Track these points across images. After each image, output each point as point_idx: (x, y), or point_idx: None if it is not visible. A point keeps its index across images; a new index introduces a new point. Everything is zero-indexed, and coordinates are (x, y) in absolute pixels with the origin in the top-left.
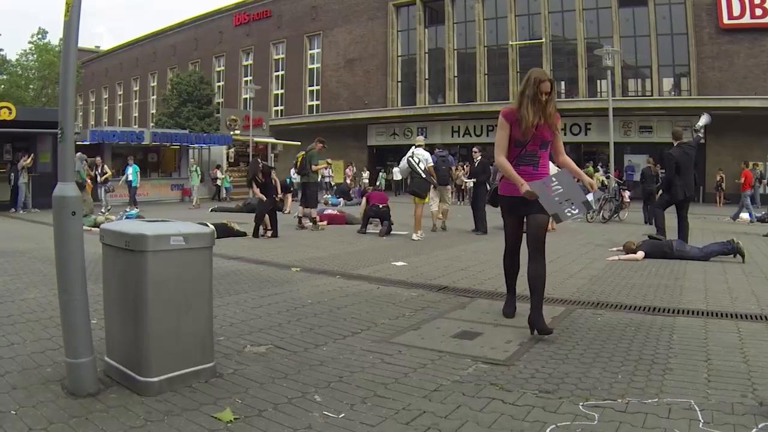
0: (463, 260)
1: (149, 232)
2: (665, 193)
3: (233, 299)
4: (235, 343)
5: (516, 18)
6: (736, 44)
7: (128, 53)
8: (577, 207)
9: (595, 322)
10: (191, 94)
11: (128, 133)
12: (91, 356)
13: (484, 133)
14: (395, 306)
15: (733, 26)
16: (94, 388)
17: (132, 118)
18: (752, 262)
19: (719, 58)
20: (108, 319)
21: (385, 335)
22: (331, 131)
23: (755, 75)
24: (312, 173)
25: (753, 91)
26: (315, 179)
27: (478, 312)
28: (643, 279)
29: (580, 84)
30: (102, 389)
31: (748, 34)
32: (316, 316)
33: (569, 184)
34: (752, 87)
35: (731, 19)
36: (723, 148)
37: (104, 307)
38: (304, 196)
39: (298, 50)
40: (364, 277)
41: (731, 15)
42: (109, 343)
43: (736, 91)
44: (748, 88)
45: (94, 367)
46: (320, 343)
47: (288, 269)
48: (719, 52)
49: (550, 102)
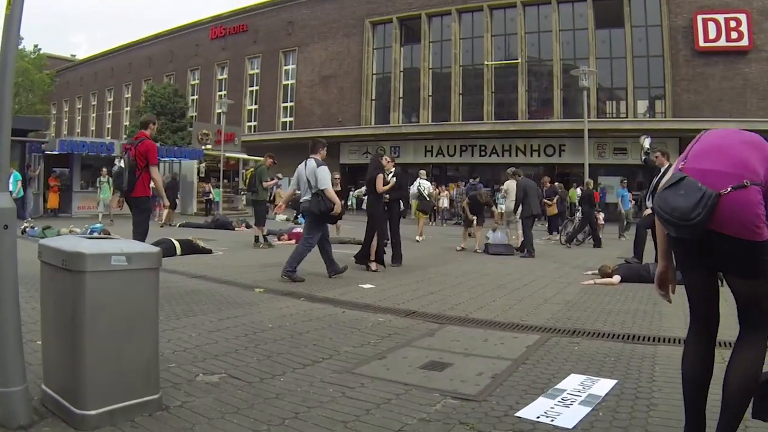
0: (433, 283)
1: (87, 251)
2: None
3: (190, 321)
4: (187, 371)
5: (492, 38)
6: (711, 67)
7: (103, 63)
8: None
9: (573, 352)
10: (165, 106)
11: (98, 144)
12: (23, 385)
13: (457, 153)
14: (360, 332)
15: (709, 49)
16: (27, 420)
17: (105, 129)
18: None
19: (694, 80)
20: (45, 343)
21: (348, 365)
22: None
23: (730, 98)
24: (262, 190)
25: (728, 114)
26: (265, 197)
27: (447, 340)
28: (621, 304)
29: (555, 105)
30: (36, 421)
31: (724, 57)
32: (276, 342)
33: None
34: (727, 110)
35: (707, 42)
36: None
37: (41, 329)
38: (255, 214)
39: (273, 66)
40: (330, 299)
41: (707, 38)
42: (47, 370)
43: (711, 114)
44: (723, 110)
45: (26, 397)
46: (278, 373)
47: (251, 290)
48: (695, 74)
49: None
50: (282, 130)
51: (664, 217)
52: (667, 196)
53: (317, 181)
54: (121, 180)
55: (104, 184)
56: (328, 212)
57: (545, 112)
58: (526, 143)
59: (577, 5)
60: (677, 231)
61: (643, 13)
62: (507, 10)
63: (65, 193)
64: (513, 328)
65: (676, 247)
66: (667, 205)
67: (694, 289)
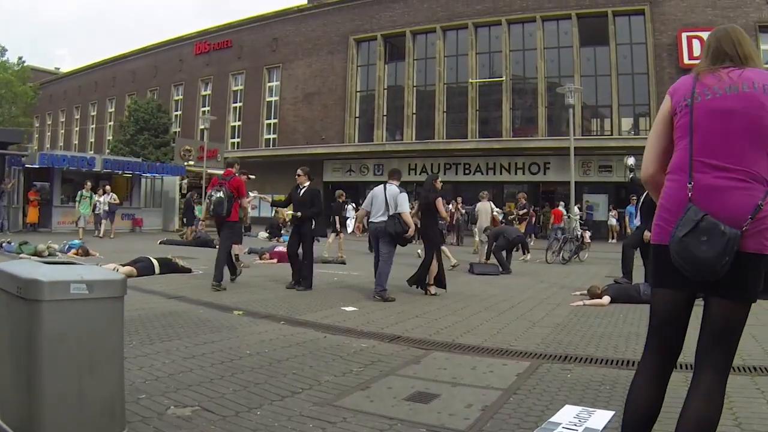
0: (418, 306)
1: (45, 278)
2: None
3: (164, 347)
4: (158, 403)
5: (477, 55)
6: None
7: (87, 77)
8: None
9: (566, 380)
10: (148, 122)
11: (79, 158)
12: None
13: (441, 171)
14: (342, 360)
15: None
16: None
17: (88, 143)
18: None
19: None
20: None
21: (329, 396)
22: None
23: None
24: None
25: None
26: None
27: (434, 368)
28: (612, 327)
29: (539, 123)
30: None
31: None
32: (254, 370)
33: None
34: None
35: (692, 60)
36: None
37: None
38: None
39: (257, 82)
40: (311, 323)
41: (691, 55)
42: (3, 406)
43: None
44: None
45: None
46: (254, 406)
47: (230, 312)
48: None
49: None
50: (265, 147)
51: (687, 269)
52: (688, 245)
53: (397, 205)
54: (221, 208)
55: (86, 198)
56: (403, 233)
57: (530, 130)
58: (510, 161)
59: (562, 23)
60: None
61: (628, 31)
62: (492, 28)
63: (45, 207)
64: (502, 354)
65: (659, 260)
66: (692, 257)
67: (665, 309)
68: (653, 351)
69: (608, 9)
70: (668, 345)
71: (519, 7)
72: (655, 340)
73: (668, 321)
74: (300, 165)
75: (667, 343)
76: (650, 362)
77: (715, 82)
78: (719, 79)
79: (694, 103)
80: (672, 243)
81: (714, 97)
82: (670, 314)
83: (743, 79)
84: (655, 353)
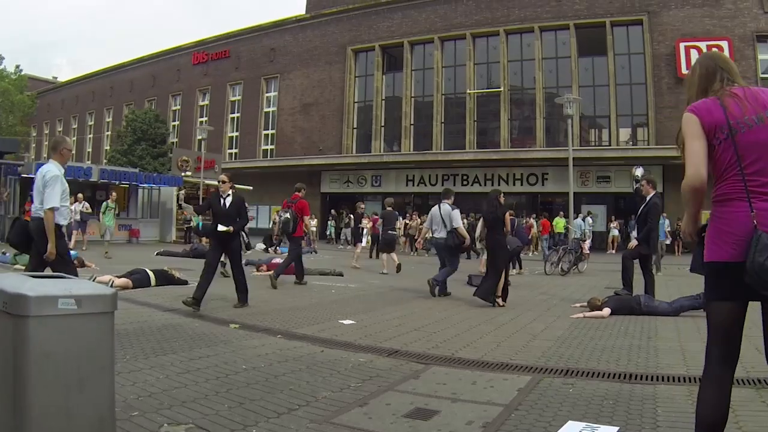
0: (417, 318)
1: (31, 292)
2: (642, 245)
3: (158, 361)
4: (151, 420)
5: (475, 66)
6: None
7: (85, 86)
8: None
9: (568, 395)
10: (146, 132)
11: (75, 168)
12: None
13: (439, 182)
14: (340, 375)
15: None
16: None
17: (85, 153)
18: None
19: (677, 107)
20: None
21: (327, 413)
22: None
23: None
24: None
25: None
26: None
27: (433, 383)
28: (614, 339)
29: (537, 133)
30: None
31: None
32: (250, 386)
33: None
34: None
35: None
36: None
37: None
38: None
39: (255, 92)
40: (308, 337)
41: (689, 65)
42: None
43: None
44: None
45: None
46: (249, 423)
47: (226, 325)
48: (677, 102)
49: None
50: (263, 157)
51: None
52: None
53: (451, 222)
54: (288, 226)
55: (111, 210)
56: (460, 245)
57: (528, 141)
58: (508, 172)
59: (560, 33)
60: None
61: (626, 41)
62: (490, 39)
63: None
64: (503, 369)
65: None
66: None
67: (728, 320)
68: (719, 361)
69: (606, 19)
70: (731, 353)
71: (517, 17)
72: (718, 351)
73: (730, 330)
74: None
75: (730, 351)
76: (716, 372)
77: (740, 111)
78: (741, 105)
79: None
80: (753, 266)
81: (749, 130)
82: (733, 324)
83: (760, 106)
84: (720, 363)
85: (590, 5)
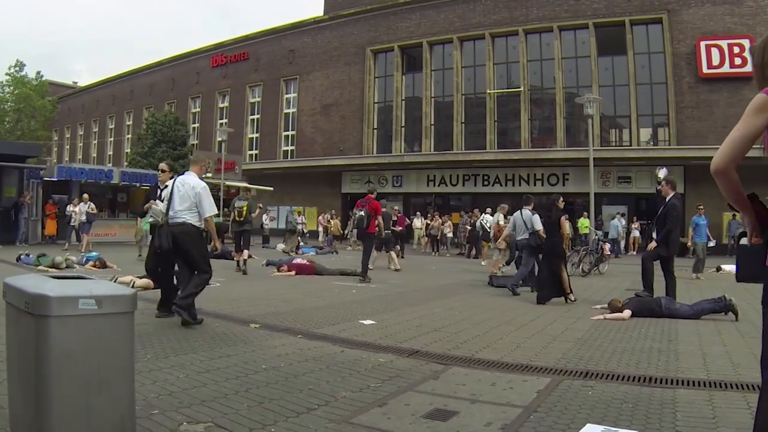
0: (437, 319)
1: (53, 293)
2: (661, 246)
3: (178, 361)
4: (171, 419)
5: (494, 66)
6: (715, 93)
7: (105, 90)
8: None
9: (587, 398)
10: (166, 134)
11: (97, 171)
12: None
13: (460, 182)
14: (360, 375)
15: (713, 75)
16: None
17: (106, 156)
18: (745, 320)
19: (699, 107)
20: (11, 395)
21: (346, 413)
22: (305, 177)
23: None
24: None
25: None
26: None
27: (452, 384)
28: (634, 342)
29: (558, 133)
30: None
31: (728, 84)
32: (269, 385)
33: None
34: None
35: (711, 69)
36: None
37: (7, 379)
38: (247, 242)
39: (275, 94)
40: (328, 337)
41: (710, 64)
42: (13, 423)
43: (716, 141)
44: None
45: None
46: (269, 422)
47: (247, 325)
48: (699, 101)
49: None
50: (283, 158)
51: None
52: None
53: (533, 225)
54: (362, 223)
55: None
56: (540, 245)
57: (548, 141)
58: (529, 172)
59: (579, 33)
60: None
61: (646, 40)
62: (509, 38)
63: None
64: (522, 370)
65: None
66: None
67: None
68: None
69: (625, 18)
70: None
71: (535, 17)
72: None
73: None
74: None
75: None
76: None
77: None
78: None
79: None
80: None
81: None
82: None
83: None
84: None
85: (609, 4)
